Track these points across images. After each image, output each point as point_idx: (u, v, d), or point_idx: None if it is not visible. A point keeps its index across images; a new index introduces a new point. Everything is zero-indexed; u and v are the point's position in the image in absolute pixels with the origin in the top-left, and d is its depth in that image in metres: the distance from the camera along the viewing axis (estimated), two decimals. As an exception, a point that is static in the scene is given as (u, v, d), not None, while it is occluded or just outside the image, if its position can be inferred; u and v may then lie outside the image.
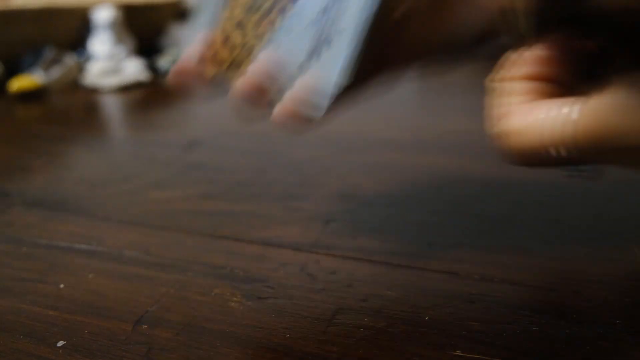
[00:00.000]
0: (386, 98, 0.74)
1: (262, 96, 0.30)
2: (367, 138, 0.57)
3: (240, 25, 0.32)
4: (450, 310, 0.28)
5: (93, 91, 0.80)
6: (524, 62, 0.25)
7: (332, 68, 0.28)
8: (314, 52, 0.29)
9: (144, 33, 1.01)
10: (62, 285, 0.32)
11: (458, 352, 0.25)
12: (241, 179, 0.47)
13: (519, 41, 0.25)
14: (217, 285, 0.31)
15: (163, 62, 0.93)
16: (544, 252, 0.34)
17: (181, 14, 1.12)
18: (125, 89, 0.82)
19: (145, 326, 0.28)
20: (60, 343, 0.27)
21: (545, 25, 0.25)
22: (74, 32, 0.90)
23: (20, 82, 0.75)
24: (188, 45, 0.33)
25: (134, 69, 0.87)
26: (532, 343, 0.26)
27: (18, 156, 0.53)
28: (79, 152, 0.54)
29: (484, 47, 0.29)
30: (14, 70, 0.82)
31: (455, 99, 0.73)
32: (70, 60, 0.84)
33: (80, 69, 0.86)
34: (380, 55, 0.29)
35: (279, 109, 0.29)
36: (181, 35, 1.08)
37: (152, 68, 0.92)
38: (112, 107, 0.74)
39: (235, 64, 0.32)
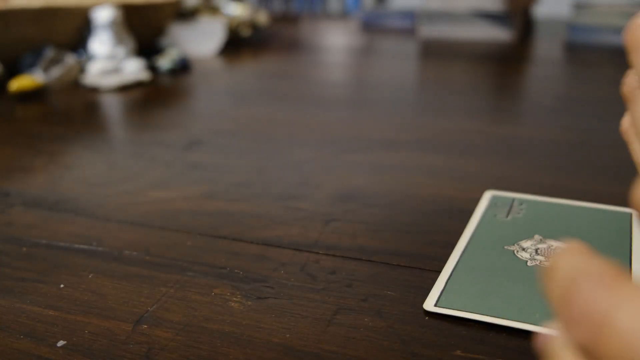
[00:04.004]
0: (386, 98, 0.74)
1: None
2: (367, 138, 0.57)
3: None
4: (450, 310, 0.28)
5: (93, 91, 0.80)
6: None
7: None
8: None
9: (144, 33, 1.01)
10: (62, 285, 0.32)
11: (458, 352, 0.25)
12: (241, 179, 0.47)
13: None
14: (217, 285, 0.31)
15: (163, 62, 0.93)
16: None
17: (181, 14, 1.12)
18: (125, 89, 0.82)
19: (145, 326, 0.28)
20: (60, 343, 0.27)
21: None
22: (74, 32, 0.90)
23: (20, 82, 0.75)
24: None
25: (134, 69, 0.87)
26: (533, 343, 0.26)
27: (18, 156, 0.53)
28: (79, 152, 0.54)
29: None
30: (14, 70, 0.81)
31: (455, 99, 0.73)
32: (70, 60, 0.84)
33: (80, 69, 0.86)
34: None
35: None
36: (181, 35, 1.07)
37: (152, 68, 0.92)
38: (112, 107, 0.74)
39: None
